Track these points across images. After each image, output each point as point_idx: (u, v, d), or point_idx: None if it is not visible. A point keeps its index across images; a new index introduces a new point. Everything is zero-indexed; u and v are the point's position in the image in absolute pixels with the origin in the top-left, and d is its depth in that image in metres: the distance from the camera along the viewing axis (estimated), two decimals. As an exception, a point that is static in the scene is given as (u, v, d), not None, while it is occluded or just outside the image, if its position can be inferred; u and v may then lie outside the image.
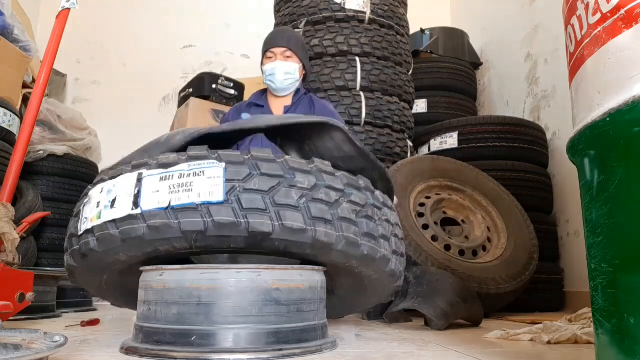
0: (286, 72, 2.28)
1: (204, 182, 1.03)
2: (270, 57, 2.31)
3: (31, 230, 3.13)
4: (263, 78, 2.36)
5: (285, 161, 1.08)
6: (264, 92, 2.44)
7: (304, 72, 2.40)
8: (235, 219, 1.01)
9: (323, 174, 1.11)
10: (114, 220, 1.06)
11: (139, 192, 1.05)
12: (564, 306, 3.02)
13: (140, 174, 1.08)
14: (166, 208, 1.02)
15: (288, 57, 2.31)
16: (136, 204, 1.04)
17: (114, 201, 1.08)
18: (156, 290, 1.13)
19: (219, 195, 1.02)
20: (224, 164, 1.04)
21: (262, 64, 2.37)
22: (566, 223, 3.23)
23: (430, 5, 5.33)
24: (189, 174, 1.05)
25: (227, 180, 1.03)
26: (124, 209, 1.06)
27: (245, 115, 2.26)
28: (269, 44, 2.33)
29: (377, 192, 1.24)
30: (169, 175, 1.06)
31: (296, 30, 3.11)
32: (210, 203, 1.01)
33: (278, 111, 2.32)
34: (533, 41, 3.82)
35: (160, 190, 1.04)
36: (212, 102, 3.77)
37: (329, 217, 1.08)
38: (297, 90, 2.37)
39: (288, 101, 2.34)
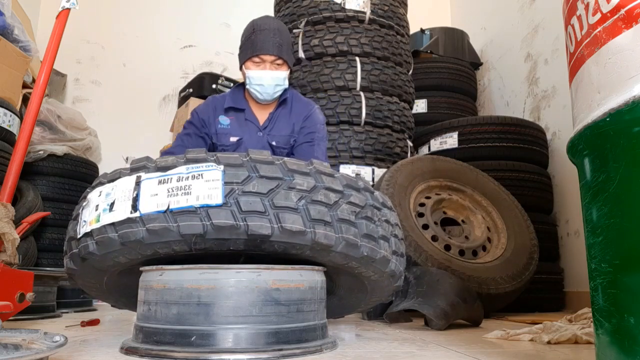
0: (276, 84, 2.05)
1: (203, 185, 1.03)
2: (257, 63, 2.04)
3: (31, 230, 3.12)
4: (244, 79, 2.11)
5: (283, 163, 1.08)
6: (242, 89, 2.20)
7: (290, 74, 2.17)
8: (234, 222, 1.01)
9: (322, 175, 1.11)
10: (113, 224, 1.06)
11: (137, 195, 1.05)
12: (564, 306, 3.02)
13: (138, 177, 1.07)
14: (165, 211, 1.02)
15: (279, 65, 2.06)
16: (135, 207, 1.04)
17: (112, 204, 1.08)
18: (156, 290, 1.13)
19: (217, 198, 1.01)
20: (222, 167, 1.04)
21: (244, 65, 2.08)
22: (566, 223, 3.23)
23: (430, 5, 5.33)
24: (188, 177, 1.04)
25: (226, 183, 1.03)
26: (122, 212, 1.05)
27: (223, 120, 2.11)
28: (259, 49, 2.02)
29: (377, 193, 1.24)
30: (168, 179, 1.05)
31: (295, 30, 3.11)
32: (209, 206, 1.01)
33: (262, 119, 2.14)
34: (533, 41, 3.82)
35: (159, 194, 1.04)
36: (212, 102, 3.76)
37: (329, 218, 1.07)
38: (282, 93, 2.15)
39: (272, 107, 2.15)
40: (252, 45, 2.04)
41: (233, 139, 2.10)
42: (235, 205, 1.02)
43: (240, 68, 2.12)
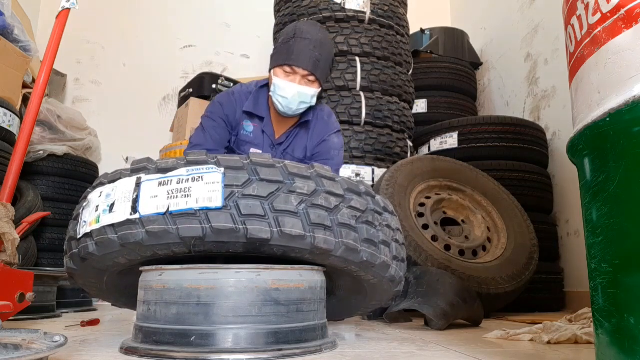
0: (302, 101, 1.88)
1: (203, 187, 1.02)
2: (287, 73, 1.87)
3: (31, 230, 3.12)
4: (269, 85, 1.93)
5: (284, 166, 1.08)
6: (267, 91, 2.00)
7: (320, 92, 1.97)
8: (233, 225, 1.01)
9: (323, 179, 1.10)
10: (112, 225, 1.06)
11: (137, 196, 1.05)
12: (564, 306, 3.02)
13: (139, 179, 1.07)
14: (164, 213, 1.02)
15: (310, 81, 1.87)
16: (135, 208, 1.04)
17: (112, 205, 1.07)
18: (156, 290, 1.13)
19: (217, 201, 1.01)
20: (222, 169, 1.04)
21: (273, 70, 1.91)
22: (566, 223, 3.22)
23: (430, 5, 5.33)
24: (188, 179, 1.04)
25: (226, 186, 1.02)
26: (122, 213, 1.05)
27: (247, 127, 1.98)
28: (292, 60, 1.84)
29: (378, 197, 1.24)
30: (168, 180, 1.05)
31: None
32: (208, 209, 1.01)
33: (279, 132, 2.02)
34: (533, 41, 3.82)
35: (159, 196, 1.03)
36: (212, 102, 3.76)
37: (329, 223, 1.07)
38: (306, 111, 2.00)
39: (292, 122, 2.01)
40: (287, 51, 1.86)
41: (255, 152, 1.99)
42: (235, 209, 1.01)
43: (270, 71, 1.95)
